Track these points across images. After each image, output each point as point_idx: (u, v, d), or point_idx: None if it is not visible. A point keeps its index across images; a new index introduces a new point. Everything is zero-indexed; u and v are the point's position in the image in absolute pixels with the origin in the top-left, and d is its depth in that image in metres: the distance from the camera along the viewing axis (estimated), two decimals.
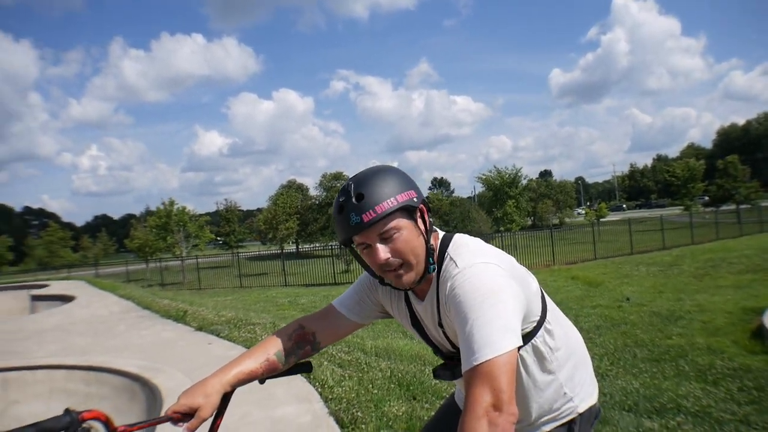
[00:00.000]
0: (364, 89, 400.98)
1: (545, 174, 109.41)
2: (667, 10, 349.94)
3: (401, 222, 1.51)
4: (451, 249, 1.60)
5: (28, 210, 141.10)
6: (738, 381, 7.47)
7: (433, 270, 1.61)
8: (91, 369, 6.62)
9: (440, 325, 1.64)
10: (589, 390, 1.82)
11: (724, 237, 31.17)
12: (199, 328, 8.68)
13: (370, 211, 1.47)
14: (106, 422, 1.45)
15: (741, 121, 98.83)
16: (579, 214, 76.78)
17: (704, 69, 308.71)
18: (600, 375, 6.38)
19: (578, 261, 25.33)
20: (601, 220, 53.50)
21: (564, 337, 1.74)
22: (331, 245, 40.39)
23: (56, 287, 18.24)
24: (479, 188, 62.08)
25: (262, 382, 1.77)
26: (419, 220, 1.58)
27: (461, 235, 1.67)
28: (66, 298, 14.80)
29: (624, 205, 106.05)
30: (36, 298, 16.76)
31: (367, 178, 1.52)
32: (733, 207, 52.01)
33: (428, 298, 1.65)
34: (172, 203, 41.90)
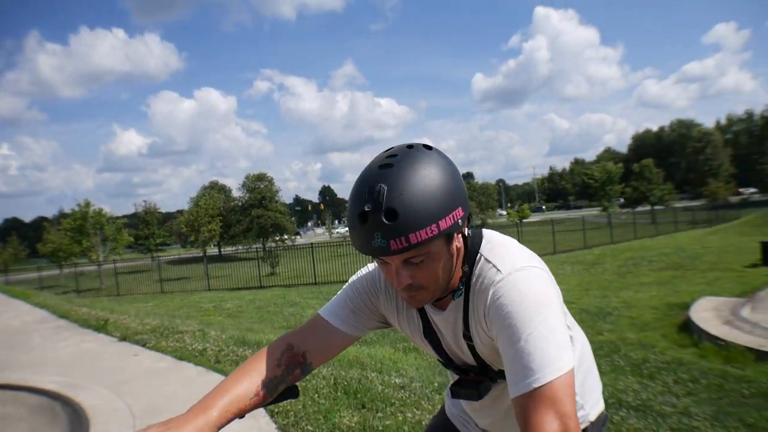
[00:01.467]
0: (288, 90, 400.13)
1: (467, 176, 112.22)
2: (587, 20, 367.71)
3: (435, 248, 1.22)
4: (485, 249, 1.34)
5: None
6: (673, 374, 7.68)
7: (459, 296, 1.36)
8: (6, 387, 6.05)
9: (466, 337, 1.40)
10: (597, 396, 1.67)
11: (642, 236, 32.85)
12: (123, 338, 8.14)
13: (403, 238, 1.14)
14: None
15: (654, 128, 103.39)
16: (501, 215, 79.40)
17: (620, 77, 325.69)
18: None
19: None
20: (523, 220, 55.04)
21: (578, 343, 1.57)
22: (256, 248, 39.84)
23: None
24: None
25: (242, 416, 1.39)
26: (457, 239, 1.28)
27: (491, 231, 1.42)
28: None
29: (543, 207, 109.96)
30: None
31: (406, 187, 1.15)
32: (648, 208, 54.95)
33: (451, 308, 1.40)
34: (88, 205, 40.37)
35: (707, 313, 10.02)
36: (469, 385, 1.46)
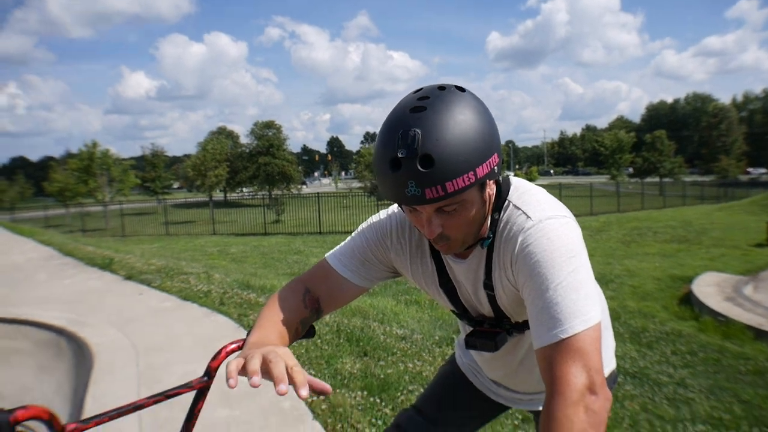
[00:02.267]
0: (300, 38, 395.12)
1: None
2: None
3: (469, 196, 1.16)
4: (514, 195, 1.29)
5: None
6: (671, 345, 7.74)
7: (488, 244, 1.30)
8: (11, 321, 6.10)
9: (487, 287, 1.36)
10: (611, 354, 1.68)
11: (649, 207, 32.76)
12: (129, 277, 8.18)
13: (439, 187, 1.08)
14: (50, 420, 1.01)
15: (669, 99, 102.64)
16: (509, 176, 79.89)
17: (638, 45, 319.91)
18: None
19: None
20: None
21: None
22: (262, 195, 39.85)
23: None
24: None
25: None
26: (490, 186, 1.22)
27: (519, 179, 1.36)
28: None
29: (551, 171, 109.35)
30: None
31: (443, 132, 1.07)
32: (657, 180, 54.63)
33: (474, 256, 1.35)
34: (95, 145, 40.37)
35: (709, 288, 10.05)
36: (485, 336, 1.43)
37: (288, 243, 20.58)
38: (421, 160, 1.06)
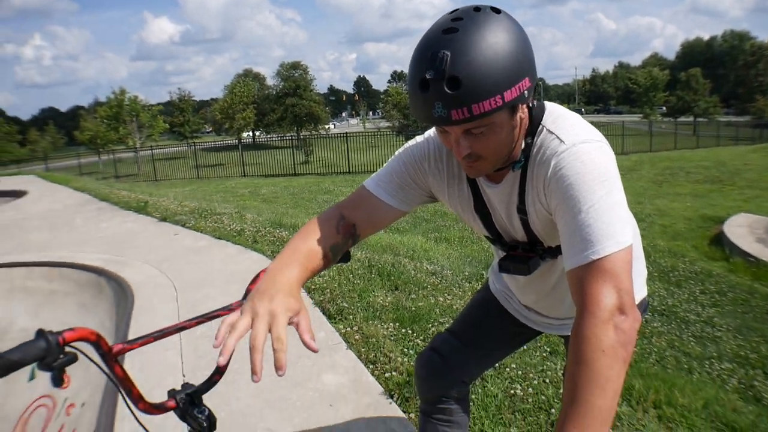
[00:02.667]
0: None
1: None
2: None
3: (498, 119, 1.16)
4: (548, 120, 1.28)
5: None
6: (700, 284, 7.76)
7: (519, 168, 1.31)
8: (52, 265, 6.26)
9: (520, 211, 1.37)
10: (642, 282, 1.69)
11: (682, 147, 32.22)
12: (163, 219, 8.34)
13: (465, 109, 1.09)
14: (97, 342, 1.07)
15: (705, 36, 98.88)
16: None
17: None
18: None
19: None
20: None
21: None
22: (290, 136, 39.83)
23: (5, 183, 17.41)
24: None
25: (312, 277, 1.37)
26: (522, 109, 1.22)
27: (554, 104, 1.35)
28: (17, 194, 14.04)
29: (583, 109, 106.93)
30: None
31: (472, 55, 1.07)
32: (691, 119, 53.16)
33: (507, 180, 1.36)
34: (123, 92, 40.47)
35: (741, 229, 9.96)
36: (518, 260, 1.46)
37: (317, 183, 20.68)
38: (448, 82, 1.07)
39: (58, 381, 0.97)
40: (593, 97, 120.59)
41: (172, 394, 1.23)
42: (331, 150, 28.19)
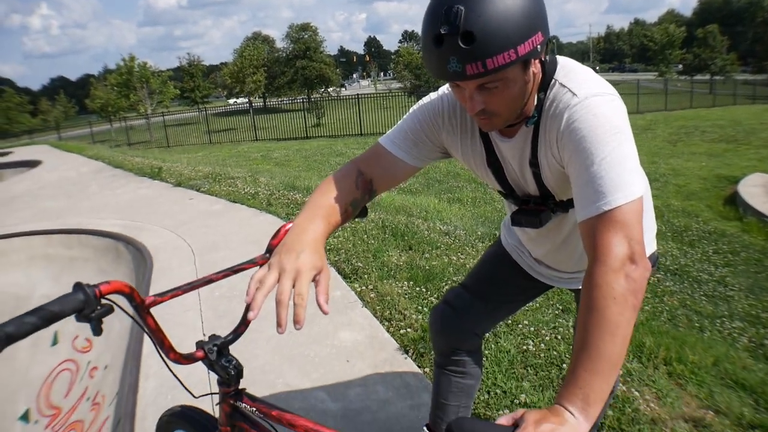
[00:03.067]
0: None
1: None
2: None
3: (511, 74, 1.17)
4: (561, 74, 1.29)
5: None
6: (713, 244, 7.78)
7: (532, 123, 1.33)
8: (70, 232, 6.39)
9: (532, 164, 1.40)
10: (651, 236, 1.72)
11: (698, 106, 31.64)
12: (178, 184, 8.43)
13: (479, 63, 1.10)
14: (131, 294, 1.12)
15: None
16: None
17: None
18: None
19: None
20: None
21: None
22: (301, 99, 39.68)
23: (19, 153, 17.59)
24: None
25: (334, 231, 1.45)
26: (534, 65, 1.22)
27: (566, 58, 1.36)
28: (31, 164, 14.20)
29: (597, 68, 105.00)
30: (0, 166, 16.16)
31: (485, 9, 1.08)
32: (707, 77, 52.02)
33: (520, 135, 1.39)
34: (132, 59, 40.27)
35: (756, 189, 9.90)
36: (530, 213, 1.50)
37: (329, 146, 20.68)
38: (462, 37, 1.08)
39: (97, 330, 1.02)
40: (608, 55, 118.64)
41: (200, 345, 1.31)
42: (343, 112, 28.11)
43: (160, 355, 1.23)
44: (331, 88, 60.73)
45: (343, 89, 70.10)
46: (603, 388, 0.99)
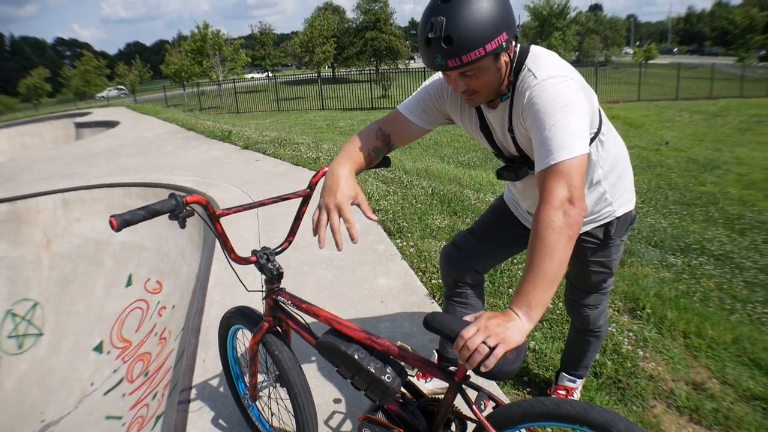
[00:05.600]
0: None
1: (595, 8, 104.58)
2: None
3: (484, 64, 1.56)
4: (529, 61, 1.66)
5: (60, 41, 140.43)
6: (764, 233, 7.77)
7: (506, 99, 1.72)
8: (147, 185, 6.96)
9: (510, 130, 1.78)
10: (628, 197, 2.04)
11: None
12: (246, 147, 8.94)
13: (457, 59, 1.50)
14: (206, 205, 1.61)
15: None
16: (627, 53, 74.05)
17: None
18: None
19: (621, 101, 24.95)
20: (649, 61, 50.92)
21: (613, 148, 1.94)
22: (369, 70, 39.80)
23: (98, 114, 18.42)
24: (525, 17, 59.91)
25: (360, 172, 1.92)
26: (504, 56, 1.60)
27: (537, 47, 1.73)
28: (110, 124, 15.03)
29: (675, 49, 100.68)
30: (80, 126, 16.95)
31: (460, 18, 1.47)
32: None
33: (501, 107, 1.77)
34: (206, 27, 40.96)
35: None
36: (510, 169, 1.91)
37: None
38: (444, 40, 1.49)
39: (182, 225, 1.51)
40: (687, 36, 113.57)
41: (254, 252, 1.83)
42: (410, 84, 28.26)
43: (226, 256, 1.73)
44: (400, 61, 60.48)
45: (412, 62, 69.64)
46: (543, 298, 1.37)
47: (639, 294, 3.56)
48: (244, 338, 2.33)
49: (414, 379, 2.55)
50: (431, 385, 2.53)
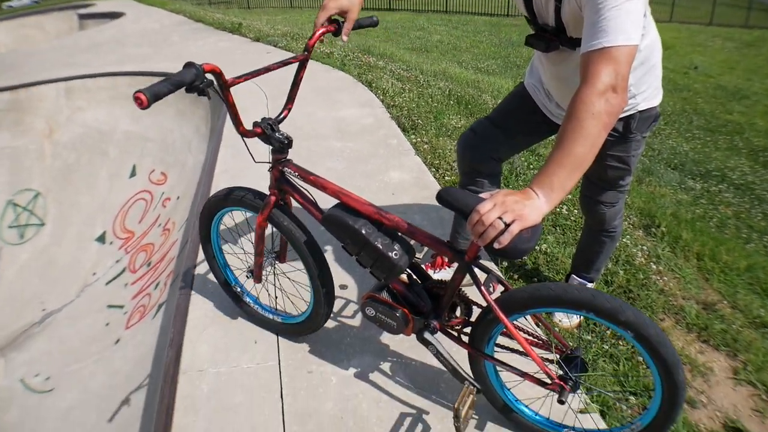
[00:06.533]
0: None
1: None
2: None
3: None
4: None
5: None
6: None
7: None
8: (153, 74, 6.69)
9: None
10: (653, 93, 1.89)
11: None
12: (256, 39, 8.62)
13: None
14: (219, 74, 1.54)
15: None
16: None
17: None
18: (652, 132, 6.40)
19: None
20: None
21: (648, 40, 1.78)
22: None
23: (102, 5, 17.86)
24: None
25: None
26: None
27: None
28: (114, 15, 14.59)
29: None
30: (84, 17, 16.38)
31: None
32: None
33: None
34: None
35: None
36: (541, 38, 1.75)
37: (412, 20, 20.15)
38: None
39: (207, 94, 1.47)
40: None
41: (256, 124, 1.76)
42: None
43: (235, 128, 1.69)
44: None
45: None
46: (566, 182, 1.28)
47: (655, 212, 3.47)
48: (231, 222, 2.35)
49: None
50: (440, 276, 2.45)
